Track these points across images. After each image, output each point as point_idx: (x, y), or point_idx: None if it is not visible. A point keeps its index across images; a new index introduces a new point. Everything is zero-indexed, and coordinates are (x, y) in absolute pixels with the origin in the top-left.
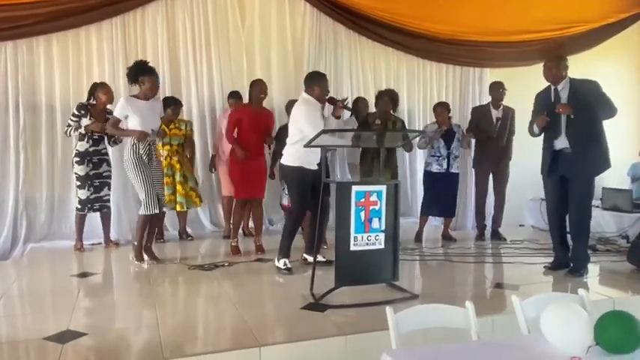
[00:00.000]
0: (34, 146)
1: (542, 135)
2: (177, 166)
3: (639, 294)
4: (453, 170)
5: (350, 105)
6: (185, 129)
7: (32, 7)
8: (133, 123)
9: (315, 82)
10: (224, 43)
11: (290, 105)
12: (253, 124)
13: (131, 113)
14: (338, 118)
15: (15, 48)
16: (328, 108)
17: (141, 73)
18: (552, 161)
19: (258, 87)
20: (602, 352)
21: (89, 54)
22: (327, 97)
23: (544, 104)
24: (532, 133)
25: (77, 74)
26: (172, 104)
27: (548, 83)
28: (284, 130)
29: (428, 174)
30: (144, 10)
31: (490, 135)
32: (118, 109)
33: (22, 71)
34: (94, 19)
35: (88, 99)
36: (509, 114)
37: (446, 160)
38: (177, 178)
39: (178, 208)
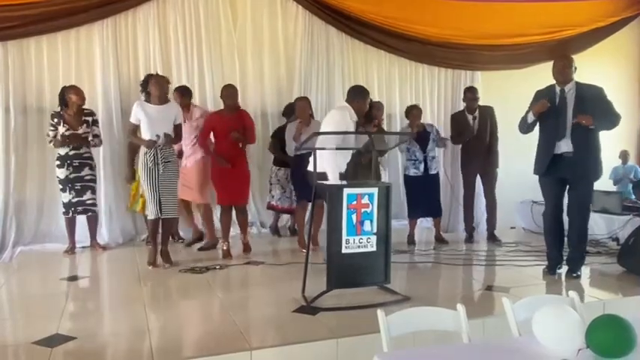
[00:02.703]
0: (24, 148)
1: (541, 136)
2: None
3: (629, 296)
4: (432, 172)
5: None
6: None
7: (22, 9)
8: (142, 127)
9: (361, 97)
10: (216, 44)
11: (288, 109)
12: (226, 130)
13: (141, 117)
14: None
15: (5, 49)
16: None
17: (148, 81)
18: (551, 164)
19: (227, 92)
20: (593, 356)
21: (80, 56)
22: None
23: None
24: (523, 127)
25: (67, 76)
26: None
27: (544, 85)
28: (282, 131)
29: (407, 178)
30: (135, 12)
31: (467, 136)
32: (132, 114)
33: (12, 73)
34: (84, 20)
35: (60, 104)
36: (486, 113)
37: (423, 163)
38: None
39: None
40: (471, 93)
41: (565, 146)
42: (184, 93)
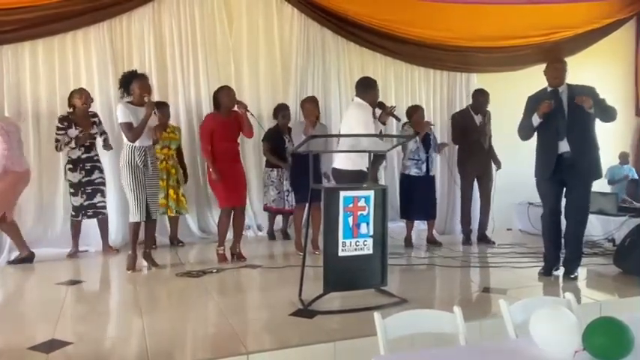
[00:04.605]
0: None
1: (540, 139)
2: (173, 170)
3: (626, 297)
4: (431, 173)
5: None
6: (179, 135)
7: (18, 13)
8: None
9: (370, 88)
10: (211, 48)
11: (278, 109)
12: (226, 132)
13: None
14: (384, 124)
15: None
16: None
17: (131, 80)
18: (556, 165)
19: (227, 94)
20: (590, 358)
21: (76, 60)
22: (377, 102)
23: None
24: (526, 132)
25: (64, 80)
26: (158, 107)
27: (539, 87)
28: (273, 134)
29: (406, 177)
30: (131, 16)
31: (476, 136)
32: (122, 114)
33: (7, 77)
34: (80, 24)
35: (70, 106)
36: (486, 117)
37: (425, 163)
38: (171, 182)
39: (169, 212)
40: (483, 97)
41: (564, 147)
42: None
